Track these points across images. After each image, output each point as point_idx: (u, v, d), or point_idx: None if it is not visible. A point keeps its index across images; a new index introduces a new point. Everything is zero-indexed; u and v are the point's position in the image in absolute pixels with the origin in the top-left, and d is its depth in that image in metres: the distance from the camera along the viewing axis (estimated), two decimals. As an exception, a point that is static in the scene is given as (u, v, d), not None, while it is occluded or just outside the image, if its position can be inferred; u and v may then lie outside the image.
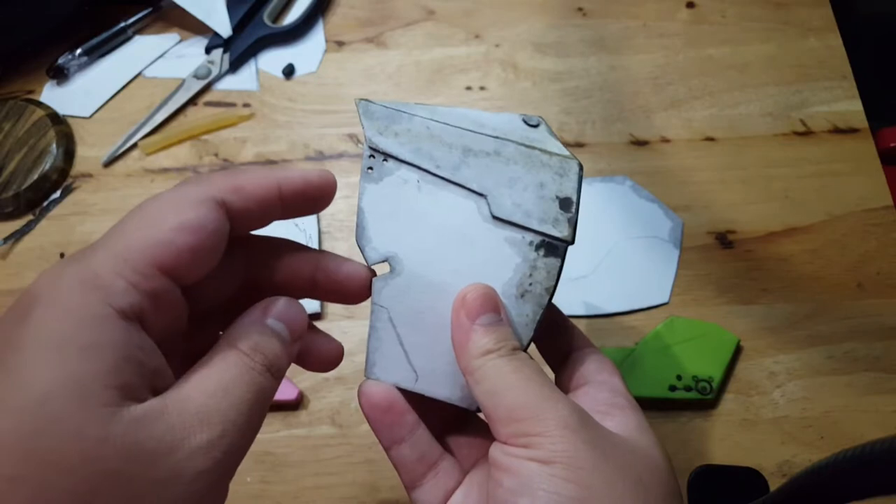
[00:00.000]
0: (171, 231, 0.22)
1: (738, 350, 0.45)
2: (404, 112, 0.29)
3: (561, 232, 0.28)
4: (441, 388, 0.28)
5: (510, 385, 0.25)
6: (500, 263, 0.28)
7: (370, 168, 0.29)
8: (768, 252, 0.48)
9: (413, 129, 0.29)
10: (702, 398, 0.42)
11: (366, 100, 0.29)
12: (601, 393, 0.28)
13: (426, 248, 0.28)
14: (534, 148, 0.29)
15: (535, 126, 0.30)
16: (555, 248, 0.28)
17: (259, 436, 0.43)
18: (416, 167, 0.28)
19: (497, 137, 0.29)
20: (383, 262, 0.28)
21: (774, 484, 0.40)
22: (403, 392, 0.29)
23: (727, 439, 0.43)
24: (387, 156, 0.29)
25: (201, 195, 0.23)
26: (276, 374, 0.24)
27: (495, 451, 0.25)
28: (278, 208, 0.26)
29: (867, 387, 0.44)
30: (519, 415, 0.24)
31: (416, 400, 0.29)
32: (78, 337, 0.19)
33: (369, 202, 0.29)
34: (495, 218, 0.28)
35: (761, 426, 0.43)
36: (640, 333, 0.45)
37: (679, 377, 0.43)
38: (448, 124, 0.29)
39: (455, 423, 0.31)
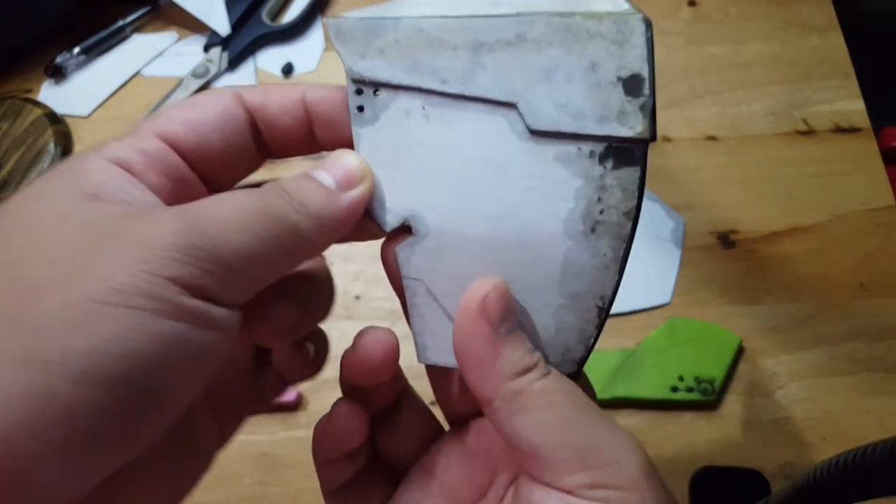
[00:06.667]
0: (174, 107, 0.21)
1: (740, 351, 0.44)
2: (387, 18, 0.22)
3: (633, 128, 0.21)
4: None
5: (574, 417, 0.20)
6: (555, 193, 0.21)
7: (360, 108, 0.22)
8: (770, 252, 0.48)
9: (402, 38, 0.21)
10: (704, 399, 0.42)
11: (336, 17, 0.22)
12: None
13: (452, 195, 0.22)
14: (573, 14, 0.21)
15: None
16: (628, 153, 0.21)
17: (257, 437, 0.44)
18: (416, 90, 0.22)
19: (518, 15, 0.21)
20: (403, 224, 0.22)
21: (776, 485, 0.40)
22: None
23: (729, 440, 0.42)
24: (377, 85, 0.22)
25: (219, 91, 0.22)
26: (307, 214, 0.19)
27: (554, 502, 0.20)
28: (306, 122, 0.23)
29: (870, 388, 0.43)
30: (597, 459, 0.19)
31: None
32: (57, 168, 0.19)
33: (369, 151, 0.22)
34: (535, 132, 0.21)
35: (763, 427, 0.43)
36: (642, 334, 0.45)
37: (681, 378, 0.43)
38: (447, 16, 0.21)
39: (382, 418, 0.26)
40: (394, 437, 0.25)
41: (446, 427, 0.26)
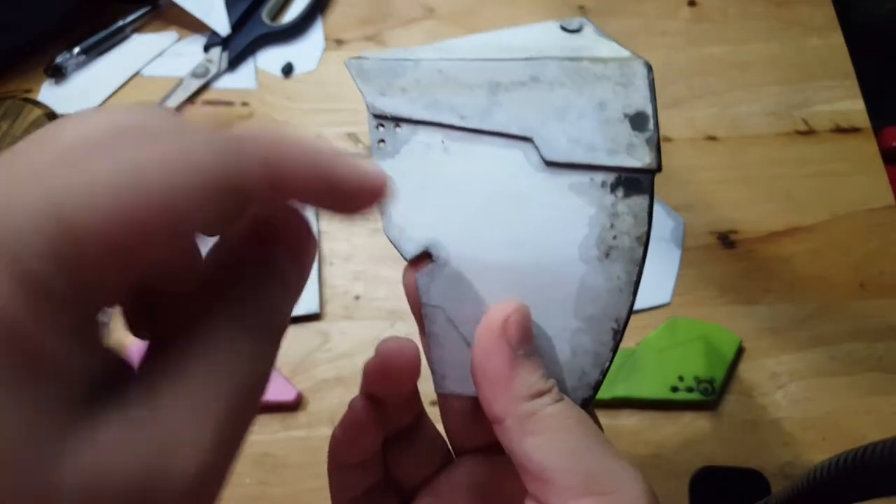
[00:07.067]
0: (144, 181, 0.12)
1: (740, 351, 0.44)
2: (408, 60, 0.24)
3: (641, 160, 0.23)
4: None
5: (583, 443, 0.21)
6: (571, 220, 0.23)
7: (381, 141, 0.24)
8: (770, 252, 0.48)
9: (422, 79, 0.23)
10: (704, 399, 0.42)
11: (358, 58, 0.24)
12: None
13: (472, 223, 0.23)
14: (581, 59, 0.23)
15: (578, 31, 0.24)
16: (637, 182, 0.23)
17: (257, 437, 0.44)
18: (436, 125, 0.23)
19: (530, 59, 0.23)
20: (423, 252, 0.23)
21: (776, 485, 0.40)
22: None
23: (729, 440, 0.42)
24: (397, 120, 0.23)
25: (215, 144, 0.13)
26: (276, 334, 0.17)
27: None
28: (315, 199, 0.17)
29: (869, 388, 0.43)
30: (603, 486, 0.20)
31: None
32: None
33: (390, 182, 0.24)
34: (550, 164, 0.23)
35: (763, 427, 0.43)
36: (642, 334, 0.45)
37: (681, 378, 0.43)
38: (465, 59, 0.23)
39: (398, 438, 0.26)
40: (406, 460, 0.25)
41: None
